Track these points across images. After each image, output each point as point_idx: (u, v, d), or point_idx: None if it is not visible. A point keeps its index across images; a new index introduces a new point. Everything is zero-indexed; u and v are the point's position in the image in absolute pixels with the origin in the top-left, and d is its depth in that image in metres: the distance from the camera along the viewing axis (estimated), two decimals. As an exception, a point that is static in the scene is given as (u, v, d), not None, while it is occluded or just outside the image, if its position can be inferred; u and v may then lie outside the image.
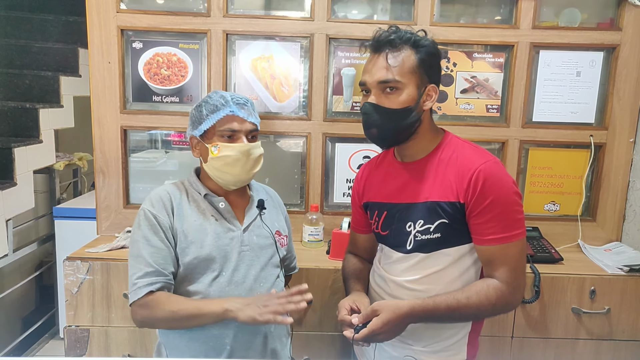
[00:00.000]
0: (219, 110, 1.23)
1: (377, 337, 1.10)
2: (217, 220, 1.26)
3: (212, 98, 1.25)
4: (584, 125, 2.01)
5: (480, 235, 1.13)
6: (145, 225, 1.21)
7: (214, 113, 1.23)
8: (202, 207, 1.27)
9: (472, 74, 2.00)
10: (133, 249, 1.22)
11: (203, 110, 1.25)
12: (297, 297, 1.13)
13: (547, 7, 1.98)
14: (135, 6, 1.95)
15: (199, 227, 1.24)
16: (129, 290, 1.19)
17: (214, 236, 1.24)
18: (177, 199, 1.26)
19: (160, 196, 1.25)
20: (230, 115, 1.23)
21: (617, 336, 1.77)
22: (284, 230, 1.41)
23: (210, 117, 1.23)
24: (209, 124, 1.23)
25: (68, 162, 3.01)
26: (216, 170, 1.25)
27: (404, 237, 1.20)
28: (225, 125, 1.23)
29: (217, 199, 1.28)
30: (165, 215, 1.23)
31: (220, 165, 1.24)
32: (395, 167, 1.26)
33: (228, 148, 1.22)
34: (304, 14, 1.98)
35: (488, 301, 1.10)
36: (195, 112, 1.27)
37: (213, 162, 1.24)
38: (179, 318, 1.15)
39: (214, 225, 1.25)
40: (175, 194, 1.27)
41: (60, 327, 2.83)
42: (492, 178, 1.10)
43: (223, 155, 1.22)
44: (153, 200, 1.25)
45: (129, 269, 1.21)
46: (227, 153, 1.22)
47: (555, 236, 2.02)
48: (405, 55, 1.12)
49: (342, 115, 2.01)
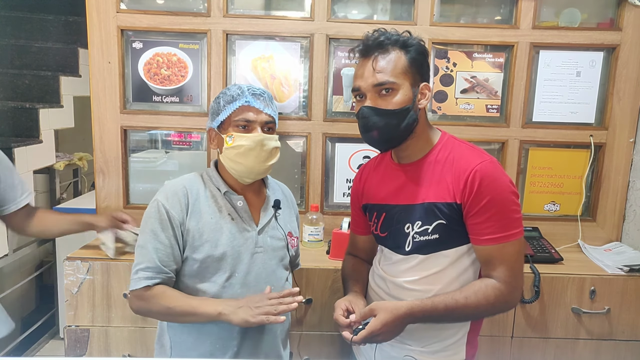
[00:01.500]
0: (235, 101, 1.23)
1: (376, 338, 1.10)
2: (233, 219, 1.26)
3: (230, 89, 1.26)
4: (584, 125, 2.01)
5: (478, 235, 1.13)
6: (156, 219, 1.21)
7: (230, 103, 1.23)
8: (219, 204, 1.26)
9: (472, 74, 2.00)
10: (141, 239, 1.23)
11: (220, 101, 1.25)
12: (288, 299, 1.16)
13: (547, 7, 1.98)
14: (135, 6, 1.95)
15: (215, 225, 1.23)
16: (131, 276, 1.21)
17: (229, 235, 1.24)
18: (195, 194, 1.24)
19: (176, 190, 1.23)
20: (246, 105, 1.22)
21: (617, 336, 1.77)
22: (295, 231, 1.41)
23: (226, 107, 1.23)
24: (225, 115, 1.23)
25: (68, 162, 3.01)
26: (230, 160, 1.24)
27: (402, 239, 1.20)
28: (240, 115, 1.22)
29: (236, 197, 1.27)
30: (178, 211, 1.21)
31: (233, 155, 1.23)
32: (393, 169, 1.26)
33: (242, 138, 1.22)
34: (304, 14, 1.98)
35: (486, 301, 1.11)
36: (214, 104, 1.27)
37: (227, 152, 1.24)
38: (174, 314, 1.18)
39: (229, 225, 1.25)
40: (192, 188, 1.25)
41: (60, 327, 2.83)
42: (488, 178, 1.10)
43: (237, 144, 1.22)
44: (168, 194, 1.23)
45: (135, 256, 1.23)
46: (240, 143, 1.22)
47: (555, 236, 2.02)
48: (396, 57, 1.13)
49: (342, 115, 2.01)
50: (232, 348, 1.24)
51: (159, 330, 1.32)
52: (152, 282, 1.18)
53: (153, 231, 1.20)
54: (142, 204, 2.01)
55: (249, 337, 1.26)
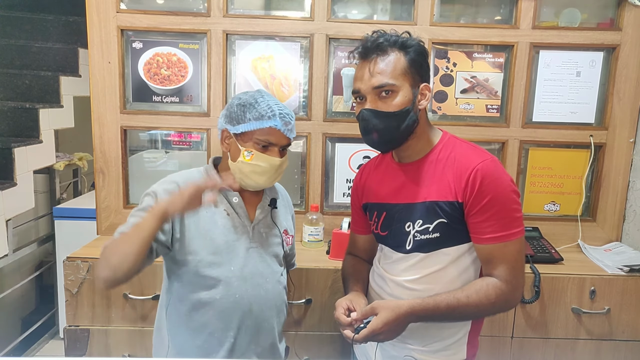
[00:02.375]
0: (263, 120, 1.20)
1: (378, 337, 1.10)
2: (228, 214, 1.27)
3: (260, 104, 1.22)
4: (584, 125, 2.01)
5: (479, 234, 1.13)
6: (145, 202, 1.21)
7: (258, 121, 1.20)
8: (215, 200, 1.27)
9: (472, 74, 2.00)
10: (125, 225, 1.18)
11: (247, 113, 1.22)
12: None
13: (547, 7, 1.98)
14: (135, 6, 1.95)
15: (210, 219, 1.25)
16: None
17: (223, 230, 1.25)
18: None
19: (173, 181, 1.25)
20: (274, 128, 1.21)
21: (617, 336, 1.77)
22: (290, 229, 1.43)
23: (252, 122, 1.21)
24: (248, 128, 1.21)
25: (68, 162, 3.01)
26: (242, 174, 1.24)
27: (403, 237, 1.20)
28: (265, 136, 1.21)
29: (231, 194, 1.29)
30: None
31: (248, 171, 1.23)
32: (393, 168, 1.26)
33: (261, 159, 1.22)
34: (304, 14, 1.98)
35: (488, 300, 1.10)
36: (238, 110, 1.23)
37: (242, 165, 1.23)
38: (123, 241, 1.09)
39: (224, 219, 1.26)
40: (188, 182, 1.25)
41: (60, 327, 2.83)
42: (490, 177, 1.10)
43: (254, 163, 1.22)
44: (164, 184, 1.25)
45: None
46: (259, 163, 1.22)
47: (555, 236, 2.02)
48: (395, 58, 1.13)
49: (342, 115, 2.01)
50: (229, 340, 1.25)
51: (156, 323, 1.33)
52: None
53: (139, 209, 1.19)
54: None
55: (245, 329, 1.26)
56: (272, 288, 1.30)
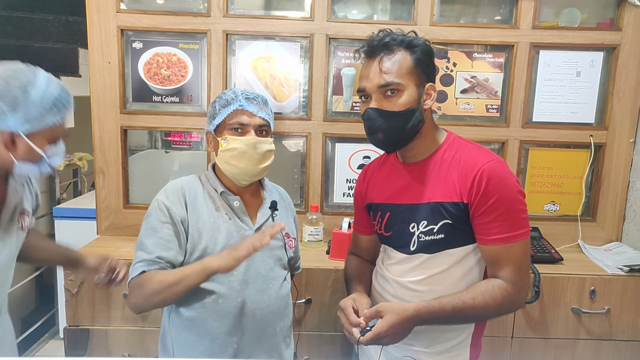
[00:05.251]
0: (229, 105, 1.26)
1: (383, 340, 1.09)
2: (230, 218, 1.28)
3: (225, 94, 1.29)
4: (584, 125, 2.01)
5: (485, 235, 1.12)
6: (155, 216, 1.23)
7: (225, 107, 1.27)
8: (217, 204, 1.29)
9: (472, 74, 2.00)
10: (140, 238, 1.24)
11: (216, 105, 1.29)
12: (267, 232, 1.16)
13: (547, 7, 1.98)
14: (135, 6, 1.95)
15: (213, 224, 1.25)
16: (129, 272, 1.21)
17: (226, 234, 1.25)
18: (193, 194, 1.28)
19: (176, 190, 1.27)
20: (240, 109, 1.26)
21: (617, 336, 1.77)
22: (292, 232, 1.42)
23: (221, 111, 1.27)
24: (220, 119, 1.27)
25: (68, 162, 3.01)
26: (225, 162, 1.27)
27: (407, 238, 1.19)
28: (234, 119, 1.26)
29: (232, 197, 1.30)
30: (179, 208, 1.24)
31: (227, 157, 1.26)
32: (398, 168, 1.25)
33: (236, 141, 1.25)
34: (304, 14, 1.98)
35: (494, 301, 1.10)
36: (211, 108, 1.31)
37: (222, 154, 1.27)
38: (167, 285, 1.15)
39: (227, 224, 1.27)
40: (191, 189, 1.29)
41: (60, 327, 2.82)
42: (495, 177, 1.10)
43: (231, 147, 1.25)
44: (169, 192, 1.26)
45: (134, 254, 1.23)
46: (234, 145, 1.25)
47: (555, 236, 2.02)
48: (401, 57, 1.13)
49: (342, 115, 2.01)
50: (232, 345, 1.25)
51: (161, 331, 1.33)
52: (148, 268, 1.19)
53: (153, 228, 1.22)
54: (142, 204, 2.01)
55: (248, 335, 1.26)
56: (276, 292, 1.30)
